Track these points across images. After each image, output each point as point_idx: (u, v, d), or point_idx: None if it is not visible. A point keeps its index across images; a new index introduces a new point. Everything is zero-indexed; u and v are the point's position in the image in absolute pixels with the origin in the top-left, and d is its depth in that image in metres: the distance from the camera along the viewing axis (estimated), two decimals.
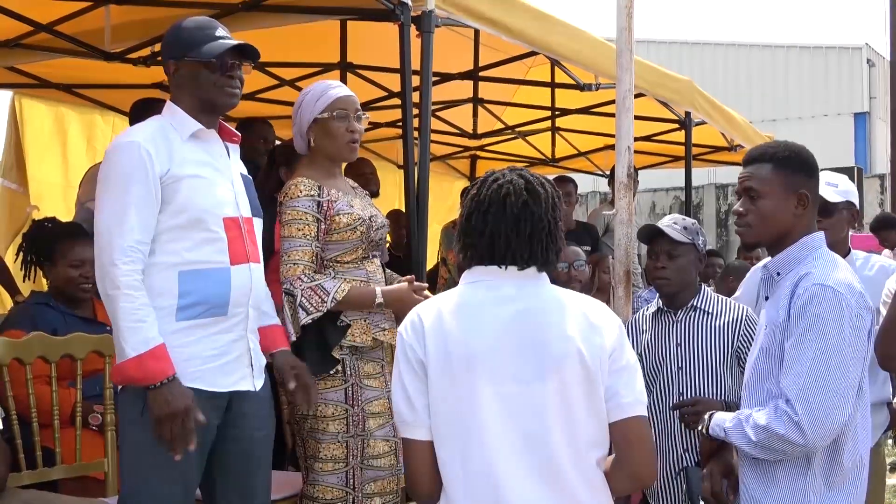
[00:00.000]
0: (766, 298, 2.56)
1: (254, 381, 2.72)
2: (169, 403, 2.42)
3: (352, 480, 3.06)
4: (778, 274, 2.50)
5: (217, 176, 2.66)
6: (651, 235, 3.26)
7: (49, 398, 3.09)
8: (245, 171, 2.81)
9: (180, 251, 2.54)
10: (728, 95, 18.35)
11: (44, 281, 3.88)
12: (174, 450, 2.46)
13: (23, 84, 5.59)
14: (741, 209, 2.54)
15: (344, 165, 3.31)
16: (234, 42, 2.64)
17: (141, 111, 4.24)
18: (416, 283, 3.17)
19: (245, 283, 2.64)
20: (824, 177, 3.42)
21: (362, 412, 3.09)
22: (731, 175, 17.66)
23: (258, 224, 2.77)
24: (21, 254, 3.81)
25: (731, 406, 2.92)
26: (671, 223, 3.22)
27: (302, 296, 2.99)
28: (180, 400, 2.44)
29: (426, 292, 3.12)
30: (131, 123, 4.39)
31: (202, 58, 2.61)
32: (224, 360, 2.62)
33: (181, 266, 2.53)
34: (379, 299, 3.07)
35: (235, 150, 2.81)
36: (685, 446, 3.12)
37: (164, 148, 2.54)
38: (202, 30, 2.65)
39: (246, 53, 2.67)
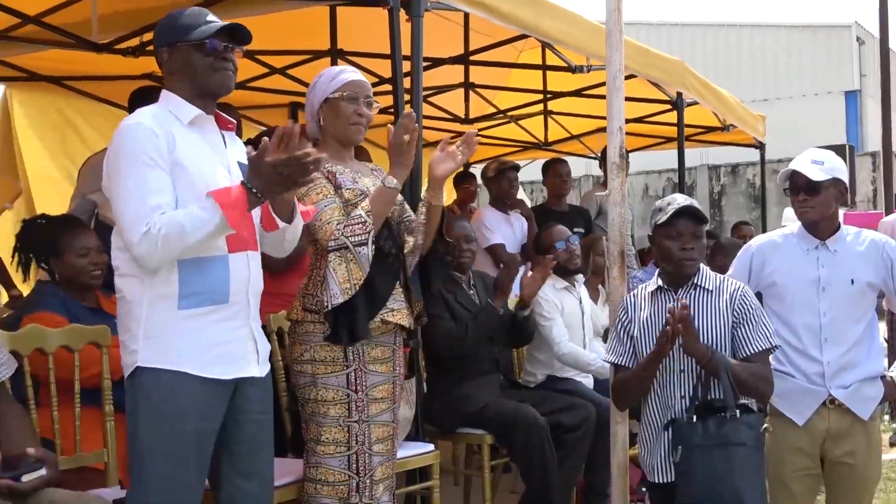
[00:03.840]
0: None
1: (259, 367, 2.74)
2: (261, 177, 2.46)
3: (355, 465, 3.07)
4: None
5: (215, 163, 2.66)
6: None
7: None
8: (244, 159, 2.80)
9: None
10: (719, 76, 18.34)
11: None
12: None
13: (13, 77, 5.57)
14: None
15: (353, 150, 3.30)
16: (224, 23, 2.65)
17: (140, 100, 4.25)
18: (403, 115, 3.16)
19: (244, 271, 2.66)
20: (810, 154, 3.44)
21: (366, 398, 3.09)
22: (723, 155, 17.69)
23: (255, 212, 2.78)
24: (17, 255, 3.79)
25: None
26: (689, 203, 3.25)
27: (348, 237, 3.00)
28: (261, 172, 2.45)
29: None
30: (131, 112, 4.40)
31: (194, 40, 2.61)
32: (228, 347, 2.63)
33: (180, 255, 2.54)
34: (388, 183, 3.08)
35: (232, 136, 2.81)
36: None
37: (166, 133, 2.55)
38: (194, 16, 2.66)
39: (237, 37, 2.67)
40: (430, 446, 3.82)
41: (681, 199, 3.23)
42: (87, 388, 3.16)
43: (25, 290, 4.51)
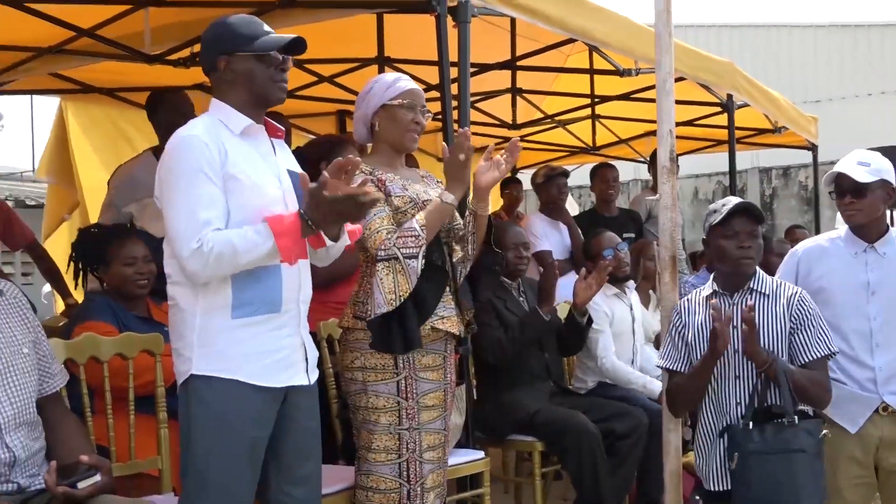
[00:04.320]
0: None
1: (308, 376, 2.76)
2: (319, 210, 2.49)
3: (406, 472, 3.06)
4: None
5: (266, 173, 2.68)
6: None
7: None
8: (294, 167, 2.82)
9: None
10: (770, 77, 18.10)
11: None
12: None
13: (68, 90, 5.67)
14: None
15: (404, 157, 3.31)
16: (291, 37, 2.67)
17: (157, 105, 4.37)
18: (458, 134, 3.17)
19: (295, 279, 2.67)
20: (856, 156, 3.38)
21: (417, 405, 3.09)
22: (774, 158, 17.43)
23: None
24: (72, 263, 3.86)
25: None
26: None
27: (399, 248, 3.00)
28: (319, 205, 2.47)
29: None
30: (151, 118, 4.53)
31: (259, 50, 2.63)
32: (280, 355, 2.65)
33: (230, 273, 2.56)
34: (445, 198, 3.07)
35: (281, 144, 2.83)
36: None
37: (218, 145, 2.57)
38: (251, 25, 2.68)
39: (293, 48, 2.69)
40: (481, 453, 3.81)
41: (735, 200, 3.20)
42: (141, 395, 3.20)
43: (80, 297, 4.58)
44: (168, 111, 4.45)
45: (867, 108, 20.58)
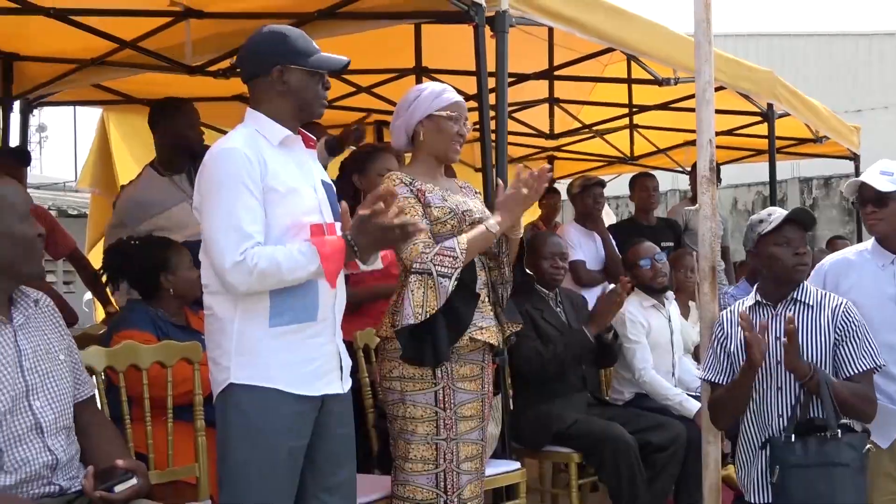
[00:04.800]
0: None
1: (342, 384, 2.77)
2: (372, 237, 2.53)
3: (443, 483, 3.06)
4: None
5: (303, 183, 2.71)
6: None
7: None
8: (326, 177, 2.84)
9: None
10: (810, 86, 17.90)
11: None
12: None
13: (110, 101, 5.75)
14: None
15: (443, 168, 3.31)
16: (345, 60, 2.75)
17: (160, 114, 4.41)
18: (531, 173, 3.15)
19: (330, 288, 2.68)
20: (879, 165, 3.35)
21: (454, 415, 3.08)
22: (814, 168, 17.24)
23: (339, 228, 2.80)
24: (106, 273, 3.84)
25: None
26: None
27: (434, 265, 3.00)
28: (367, 231, 2.52)
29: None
30: (153, 127, 4.54)
31: (317, 68, 2.70)
32: (316, 364, 2.67)
33: (272, 288, 2.58)
34: (492, 228, 3.08)
35: (313, 154, 2.85)
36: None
37: (258, 157, 2.60)
38: (307, 42, 2.74)
39: (345, 69, 2.79)
40: (517, 464, 3.79)
41: (781, 210, 3.18)
42: (179, 404, 3.22)
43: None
44: (180, 120, 4.45)
45: None
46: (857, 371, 3.05)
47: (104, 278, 3.91)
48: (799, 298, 3.16)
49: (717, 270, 3.57)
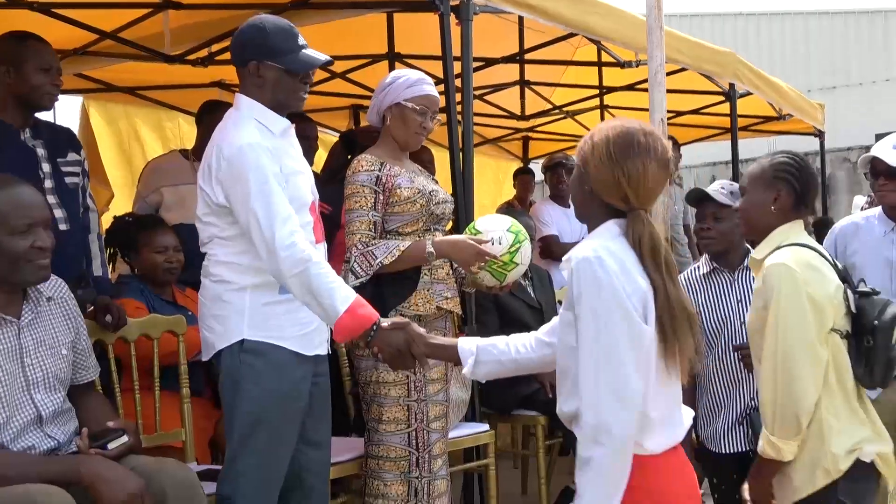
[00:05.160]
0: None
1: (327, 346, 3.02)
2: (390, 344, 2.56)
3: (415, 441, 3.28)
4: None
5: (302, 165, 2.94)
6: (699, 199, 3.44)
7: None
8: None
9: None
10: (785, 65, 18.06)
11: None
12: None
13: (91, 89, 5.88)
14: None
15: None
16: (324, 59, 2.88)
17: (208, 112, 4.47)
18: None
19: (324, 260, 2.90)
20: (891, 139, 3.52)
21: (424, 378, 3.30)
22: (789, 145, 17.45)
23: (318, 215, 3.04)
24: (108, 249, 3.98)
25: None
26: (718, 188, 3.42)
27: (354, 261, 3.20)
28: (397, 336, 2.57)
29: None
30: (199, 122, 4.64)
31: (290, 67, 2.83)
32: (313, 327, 2.89)
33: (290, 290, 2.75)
34: (429, 249, 3.19)
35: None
36: (751, 395, 3.30)
37: (270, 145, 2.78)
38: (288, 36, 2.85)
39: (325, 67, 2.95)
40: (486, 426, 4.00)
41: (714, 184, 3.41)
42: (164, 365, 3.42)
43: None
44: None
45: (883, 94, 20.51)
46: None
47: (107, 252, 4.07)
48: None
49: (677, 244, 3.81)
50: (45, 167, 3.33)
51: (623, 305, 2.02)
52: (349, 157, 4.16)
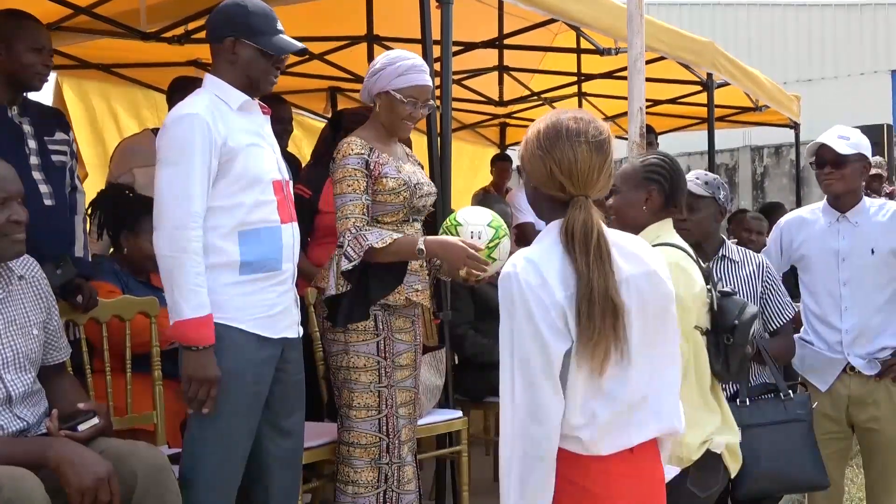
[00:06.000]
0: None
1: (298, 329, 2.99)
2: (205, 368, 2.67)
3: (385, 427, 3.27)
4: None
5: (263, 143, 2.90)
6: None
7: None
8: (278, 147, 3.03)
9: (240, 214, 2.78)
10: (763, 57, 18.15)
11: None
12: (193, 408, 2.72)
13: (65, 66, 5.80)
14: None
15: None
16: (300, 46, 2.88)
17: (179, 89, 4.41)
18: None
19: (291, 240, 2.90)
20: (836, 130, 3.58)
21: (393, 364, 3.29)
22: (764, 137, 17.55)
23: (291, 186, 3.01)
24: (99, 213, 3.87)
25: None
26: (694, 178, 3.41)
27: (347, 245, 3.16)
28: (213, 368, 2.68)
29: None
30: (169, 100, 4.55)
31: (266, 48, 2.83)
32: (278, 309, 2.88)
33: (241, 227, 2.77)
34: (420, 246, 3.15)
35: (267, 120, 3.02)
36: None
37: (219, 119, 2.75)
38: (268, 19, 2.85)
39: (300, 55, 2.94)
40: (459, 413, 3.99)
41: (689, 175, 3.40)
42: (137, 353, 3.38)
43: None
44: None
45: (858, 87, 20.67)
46: (782, 322, 3.40)
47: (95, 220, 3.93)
48: (725, 254, 3.44)
49: None
50: (32, 143, 3.31)
51: (534, 323, 1.98)
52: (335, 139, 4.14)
